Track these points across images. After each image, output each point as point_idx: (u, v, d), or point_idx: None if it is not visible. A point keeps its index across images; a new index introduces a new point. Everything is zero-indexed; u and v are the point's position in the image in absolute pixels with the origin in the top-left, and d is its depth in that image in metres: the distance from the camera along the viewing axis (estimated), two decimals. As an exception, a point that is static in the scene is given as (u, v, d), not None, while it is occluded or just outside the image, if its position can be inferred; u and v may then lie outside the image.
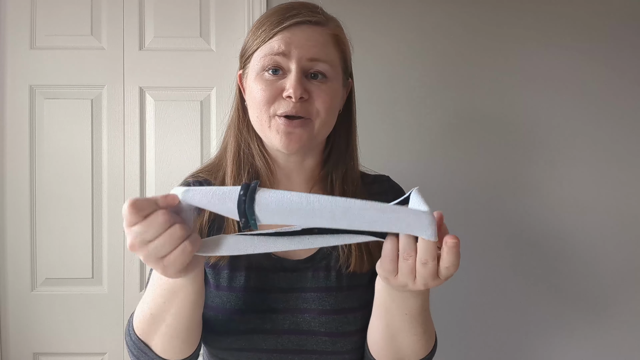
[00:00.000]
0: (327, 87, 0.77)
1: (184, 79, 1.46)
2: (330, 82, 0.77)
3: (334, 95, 0.78)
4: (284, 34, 0.76)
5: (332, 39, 0.79)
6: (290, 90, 0.73)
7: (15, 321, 1.47)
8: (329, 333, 0.77)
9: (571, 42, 1.41)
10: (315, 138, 0.78)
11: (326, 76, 0.77)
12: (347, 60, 0.83)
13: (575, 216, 1.41)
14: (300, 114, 0.75)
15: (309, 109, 0.76)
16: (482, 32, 1.41)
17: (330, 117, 0.78)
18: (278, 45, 0.75)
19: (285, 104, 0.75)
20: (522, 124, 1.41)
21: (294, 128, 0.75)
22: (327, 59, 0.77)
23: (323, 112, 0.76)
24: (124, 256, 1.47)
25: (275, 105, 0.75)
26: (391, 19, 1.42)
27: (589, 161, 1.41)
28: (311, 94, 0.76)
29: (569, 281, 1.42)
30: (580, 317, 1.43)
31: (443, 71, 1.41)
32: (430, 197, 0.57)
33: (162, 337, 0.69)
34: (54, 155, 1.46)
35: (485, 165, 1.42)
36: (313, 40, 0.76)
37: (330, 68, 0.77)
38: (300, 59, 0.75)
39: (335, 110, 0.80)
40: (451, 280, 1.37)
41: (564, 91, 1.41)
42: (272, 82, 0.76)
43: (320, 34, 0.77)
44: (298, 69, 0.75)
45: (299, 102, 0.74)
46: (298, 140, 0.75)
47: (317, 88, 0.76)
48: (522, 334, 1.43)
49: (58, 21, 1.45)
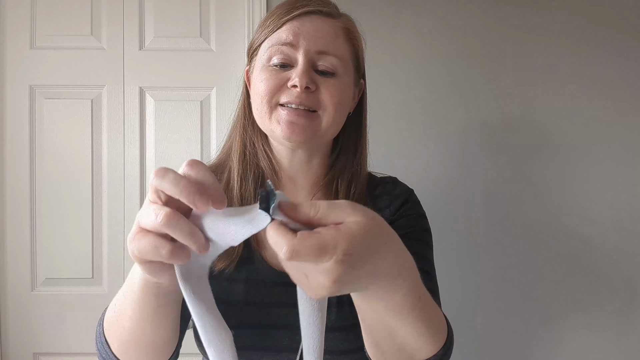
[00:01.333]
0: (336, 81, 0.73)
1: (184, 79, 1.45)
2: (340, 77, 0.74)
3: (343, 90, 0.74)
4: (293, 23, 0.72)
5: (343, 32, 0.75)
6: (295, 79, 0.70)
7: (15, 321, 1.47)
8: (329, 351, 0.72)
9: (594, 42, 1.40)
10: (322, 135, 0.74)
11: (335, 73, 0.73)
12: (359, 57, 0.79)
13: (599, 217, 1.41)
14: (306, 104, 0.71)
15: (316, 101, 0.72)
16: (503, 31, 1.41)
17: (338, 113, 0.74)
18: (286, 35, 0.72)
19: (289, 93, 0.71)
20: (543, 125, 1.41)
21: (297, 117, 0.71)
22: (336, 52, 0.73)
23: (330, 107, 0.72)
24: (124, 256, 1.47)
25: (279, 94, 0.72)
26: (414, 19, 1.42)
27: (611, 162, 1.41)
28: (319, 86, 0.72)
29: (588, 281, 1.42)
30: (605, 318, 1.43)
31: (463, 72, 1.41)
32: (446, 199, 0.55)
33: (118, 341, 0.62)
34: (54, 155, 1.46)
35: (505, 166, 1.41)
36: (322, 31, 0.73)
37: (339, 62, 0.73)
38: (308, 50, 0.71)
39: (344, 108, 0.76)
40: (479, 286, 1.38)
41: (582, 91, 1.40)
42: (277, 72, 0.72)
43: (331, 25, 0.74)
44: (305, 60, 0.71)
45: (305, 93, 0.70)
46: (301, 131, 0.71)
47: (325, 82, 0.72)
48: (538, 335, 1.43)
49: (58, 21, 1.45)
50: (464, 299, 1.42)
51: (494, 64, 1.41)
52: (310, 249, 0.39)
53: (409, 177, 0.92)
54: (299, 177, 0.81)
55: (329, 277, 0.40)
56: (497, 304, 1.42)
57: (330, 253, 0.39)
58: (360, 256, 0.41)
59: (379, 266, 0.44)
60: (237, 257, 0.76)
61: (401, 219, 0.81)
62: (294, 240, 0.39)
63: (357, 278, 0.42)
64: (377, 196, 0.83)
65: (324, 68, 0.72)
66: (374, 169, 0.89)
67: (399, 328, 0.53)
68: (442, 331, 0.59)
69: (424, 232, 0.82)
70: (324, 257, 0.39)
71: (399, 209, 0.82)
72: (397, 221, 0.81)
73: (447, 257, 1.39)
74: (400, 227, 0.80)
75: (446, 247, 1.40)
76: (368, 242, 0.41)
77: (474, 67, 1.41)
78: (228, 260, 0.76)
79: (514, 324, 1.42)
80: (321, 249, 0.39)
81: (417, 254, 0.77)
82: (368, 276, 0.43)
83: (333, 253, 0.39)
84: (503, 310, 1.42)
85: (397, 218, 0.81)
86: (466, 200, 1.41)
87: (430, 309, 0.55)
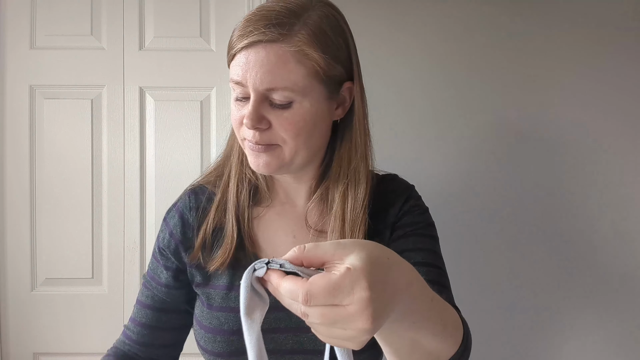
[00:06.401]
0: (291, 113, 0.69)
1: (184, 79, 1.45)
2: (298, 103, 0.69)
3: (301, 118, 0.69)
4: (240, 57, 0.69)
5: (292, 56, 0.67)
6: (245, 121, 0.69)
7: (15, 321, 1.47)
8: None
9: (596, 43, 1.39)
10: (292, 163, 0.73)
11: (291, 102, 0.69)
12: (322, 70, 0.70)
13: (602, 218, 1.41)
14: (262, 142, 0.70)
15: (272, 137, 0.70)
16: (505, 32, 1.40)
17: (302, 141, 0.71)
18: (236, 72, 0.69)
19: (248, 131, 0.70)
20: (544, 125, 1.41)
21: (258, 153, 0.71)
22: (287, 84, 0.67)
23: (290, 140, 0.70)
24: (124, 256, 1.47)
25: (242, 130, 0.72)
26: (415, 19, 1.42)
27: (613, 162, 1.41)
28: (271, 122, 0.69)
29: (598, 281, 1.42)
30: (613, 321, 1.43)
31: (464, 73, 1.41)
32: (448, 199, 0.55)
33: None
34: (54, 155, 1.46)
35: (507, 167, 1.41)
36: (267, 64, 0.67)
37: (292, 92, 0.68)
38: (256, 89, 0.68)
39: (311, 132, 0.71)
40: (481, 286, 1.37)
41: (584, 92, 1.40)
42: (238, 107, 0.72)
43: (276, 54, 0.67)
44: (255, 98, 0.68)
45: (258, 132, 0.69)
46: (266, 165, 0.72)
47: (278, 116, 0.69)
48: (549, 337, 1.43)
49: (58, 21, 1.45)
50: (465, 299, 1.41)
51: (495, 64, 1.41)
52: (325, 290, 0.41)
53: (409, 177, 0.92)
54: (292, 190, 0.82)
55: (364, 317, 0.40)
56: (501, 304, 1.42)
57: (346, 293, 0.40)
58: (380, 282, 0.42)
59: (397, 280, 0.44)
60: (229, 256, 0.78)
61: (405, 216, 0.82)
62: (305, 284, 0.41)
63: (388, 303, 0.43)
64: (378, 196, 0.82)
65: (278, 102, 0.69)
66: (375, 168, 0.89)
67: (421, 337, 0.53)
68: (458, 327, 0.59)
69: (429, 227, 0.83)
70: (342, 296, 0.40)
71: (402, 207, 0.82)
72: (402, 219, 0.81)
73: (448, 257, 1.39)
74: (406, 225, 0.81)
75: (447, 247, 1.39)
76: (378, 267, 0.42)
77: (475, 68, 1.41)
78: (221, 259, 0.78)
79: (515, 325, 1.42)
80: (336, 289, 0.40)
81: (427, 250, 0.79)
82: (393, 294, 0.44)
83: (351, 293, 0.40)
84: (504, 311, 1.42)
85: (402, 216, 0.82)
86: (467, 200, 1.41)
87: (442, 308, 0.55)
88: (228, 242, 0.78)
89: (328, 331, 0.43)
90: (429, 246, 0.80)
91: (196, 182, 0.86)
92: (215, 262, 0.78)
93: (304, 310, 0.41)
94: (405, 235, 0.80)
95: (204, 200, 0.82)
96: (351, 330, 0.41)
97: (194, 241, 0.80)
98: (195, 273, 0.81)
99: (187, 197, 0.84)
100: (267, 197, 0.82)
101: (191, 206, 0.82)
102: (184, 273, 0.82)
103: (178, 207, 0.84)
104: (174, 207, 0.85)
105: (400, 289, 0.45)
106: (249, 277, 0.47)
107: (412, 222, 0.81)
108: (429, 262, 0.77)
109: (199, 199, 0.83)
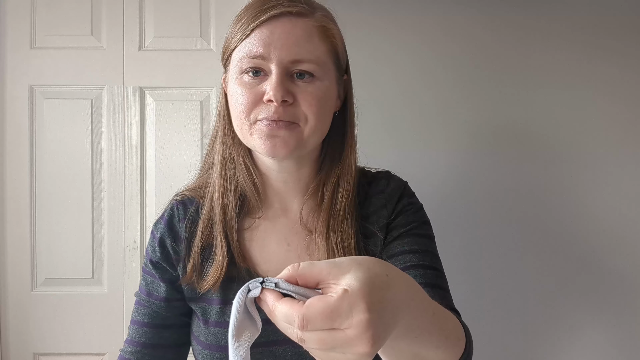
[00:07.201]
0: (314, 87, 0.68)
1: (184, 79, 1.45)
2: (319, 81, 0.69)
3: (323, 95, 0.69)
4: (262, 30, 0.67)
5: (317, 31, 0.69)
6: (270, 94, 0.66)
7: (15, 321, 1.47)
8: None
9: (598, 44, 1.39)
10: (305, 145, 0.71)
11: (313, 75, 0.68)
12: (338, 53, 0.73)
13: (603, 219, 1.41)
14: (284, 118, 0.67)
15: (295, 113, 0.68)
16: (506, 32, 1.40)
17: (320, 122, 0.70)
18: (256, 47, 0.67)
19: (267, 109, 0.67)
20: (545, 125, 1.40)
21: (278, 130, 0.68)
22: (312, 57, 0.68)
23: (312, 117, 0.69)
24: (124, 256, 1.47)
25: (256, 110, 0.68)
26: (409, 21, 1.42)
27: (614, 163, 1.40)
28: (296, 96, 0.68)
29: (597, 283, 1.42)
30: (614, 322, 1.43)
31: (465, 73, 1.40)
32: (449, 200, 0.54)
33: None
34: (54, 155, 1.46)
35: (508, 167, 1.41)
36: (294, 36, 0.67)
37: (317, 67, 0.68)
38: (281, 61, 0.66)
39: (327, 113, 0.72)
40: (482, 287, 1.37)
41: (586, 93, 1.40)
42: (252, 85, 0.69)
43: (303, 27, 0.68)
44: (279, 72, 0.67)
45: (282, 106, 0.67)
46: (283, 144, 0.68)
47: (302, 90, 0.68)
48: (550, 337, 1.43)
49: (58, 21, 1.45)
50: (464, 299, 1.41)
51: (497, 65, 1.41)
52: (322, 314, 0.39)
53: (409, 177, 0.92)
54: (289, 186, 0.79)
55: (364, 341, 0.38)
56: (500, 304, 1.42)
57: (345, 317, 0.38)
58: (379, 302, 0.40)
59: (397, 298, 0.42)
60: (221, 277, 0.75)
61: (399, 216, 0.80)
62: (302, 308, 0.39)
63: (388, 324, 0.41)
64: (371, 194, 0.81)
65: (305, 73, 0.68)
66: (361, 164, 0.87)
67: (423, 350, 0.51)
68: (460, 336, 0.58)
69: (424, 225, 0.81)
70: (339, 321, 0.39)
71: (395, 206, 0.80)
72: (396, 219, 0.79)
73: (449, 258, 1.39)
74: (400, 225, 0.79)
75: (448, 248, 1.39)
76: (377, 286, 0.40)
77: (476, 68, 1.41)
78: (213, 279, 0.75)
79: (514, 325, 1.42)
80: (333, 313, 0.39)
81: (423, 251, 0.77)
82: (394, 314, 0.42)
83: (349, 316, 0.38)
84: (505, 311, 1.42)
85: (396, 216, 0.80)
86: (469, 201, 1.41)
87: (444, 319, 0.54)
88: (219, 259, 0.75)
89: (326, 356, 0.41)
90: (425, 247, 0.77)
91: (182, 191, 0.84)
92: (207, 283, 0.75)
93: (299, 335, 0.40)
94: (400, 236, 0.78)
95: (192, 211, 0.80)
96: (351, 354, 0.40)
97: (185, 254, 0.78)
98: (187, 288, 0.79)
99: (175, 208, 0.82)
100: (258, 207, 0.79)
101: (180, 217, 0.80)
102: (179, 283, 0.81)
103: (165, 219, 0.82)
104: (161, 219, 0.83)
105: (400, 307, 0.43)
106: (242, 297, 0.45)
107: (407, 222, 0.79)
108: (425, 264, 0.75)
109: (187, 210, 0.81)
